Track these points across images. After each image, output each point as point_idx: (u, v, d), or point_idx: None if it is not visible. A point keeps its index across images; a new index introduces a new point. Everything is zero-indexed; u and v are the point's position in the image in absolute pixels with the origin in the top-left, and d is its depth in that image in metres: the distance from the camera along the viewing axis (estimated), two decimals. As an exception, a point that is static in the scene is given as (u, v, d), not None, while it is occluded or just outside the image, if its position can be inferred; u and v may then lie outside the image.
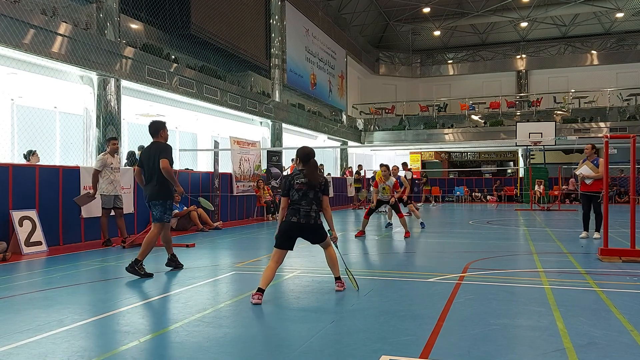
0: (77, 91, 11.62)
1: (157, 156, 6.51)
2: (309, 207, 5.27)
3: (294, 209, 5.28)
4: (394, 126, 29.50)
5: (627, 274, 6.41)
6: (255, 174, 16.38)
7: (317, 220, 5.33)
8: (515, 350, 3.67)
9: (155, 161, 6.51)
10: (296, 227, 5.26)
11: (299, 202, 5.27)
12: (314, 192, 5.32)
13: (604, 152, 8.32)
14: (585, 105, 27.16)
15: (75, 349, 3.68)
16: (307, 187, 5.27)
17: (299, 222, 5.24)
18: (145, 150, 6.80)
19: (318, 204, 5.34)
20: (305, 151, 5.44)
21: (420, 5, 28.29)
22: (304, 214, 5.24)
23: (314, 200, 5.30)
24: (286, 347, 3.71)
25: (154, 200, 6.57)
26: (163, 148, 6.63)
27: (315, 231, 5.37)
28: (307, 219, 5.25)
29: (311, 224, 5.28)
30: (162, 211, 6.58)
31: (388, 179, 10.63)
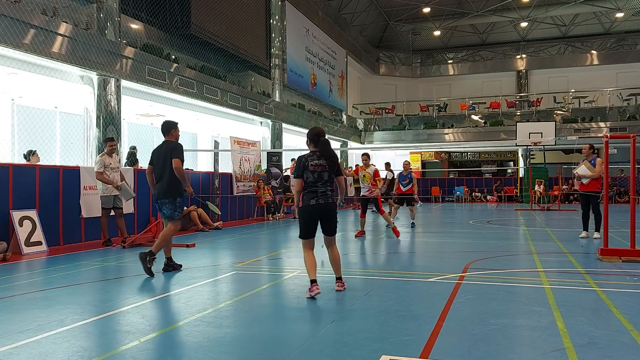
0: (78, 91, 11.62)
1: (168, 155, 6.57)
2: (324, 188, 5.27)
3: (311, 192, 5.26)
4: (394, 126, 29.51)
5: (627, 274, 6.41)
6: (256, 174, 16.38)
7: (334, 199, 5.38)
8: (515, 350, 3.68)
9: (166, 160, 6.56)
10: (316, 210, 5.25)
11: (315, 183, 5.24)
12: (328, 173, 5.30)
13: (604, 152, 8.32)
14: (585, 105, 27.17)
15: (75, 348, 3.68)
16: (323, 168, 5.26)
17: (319, 203, 5.23)
18: (156, 149, 6.85)
19: (332, 185, 5.34)
20: (314, 131, 5.40)
21: (420, 5, 28.30)
22: (322, 194, 5.25)
23: (328, 181, 5.29)
24: (286, 347, 3.71)
25: (163, 199, 6.61)
26: (174, 147, 6.67)
27: (332, 212, 5.35)
28: (325, 199, 5.25)
29: (329, 203, 5.28)
30: (172, 209, 6.64)
31: (368, 167, 10.57)
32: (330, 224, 5.38)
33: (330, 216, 5.35)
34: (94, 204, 9.91)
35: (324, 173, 5.27)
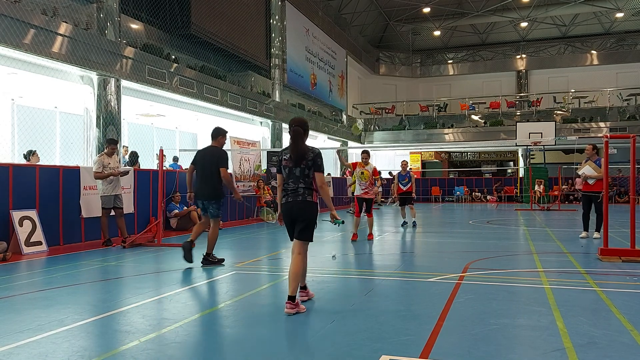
0: (78, 91, 11.62)
1: (214, 161, 7.09)
2: (295, 185, 4.71)
3: (284, 189, 4.79)
4: (394, 126, 29.52)
5: (627, 274, 6.41)
6: (255, 174, 16.38)
7: (305, 197, 4.68)
8: (515, 350, 3.68)
9: (212, 165, 7.08)
10: (289, 209, 4.72)
11: (287, 180, 4.76)
12: (300, 168, 4.70)
13: (604, 152, 8.32)
14: (585, 105, 27.18)
15: (75, 348, 3.68)
16: (291, 163, 4.71)
17: (287, 201, 4.73)
18: (201, 152, 7.36)
19: (307, 182, 4.71)
20: (290, 122, 4.86)
21: (420, 5, 28.30)
22: (292, 192, 4.71)
23: (300, 178, 4.70)
24: (286, 347, 3.71)
25: (212, 200, 7.13)
26: (221, 155, 7.22)
27: (303, 212, 4.66)
28: (294, 197, 4.69)
29: (298, 201, 4.66)
30: (217, 208, 7.18)
31: (367, 165, 10.40)
32: (300, 226, 4.69)
33: (300, 217, 4.68)
34: (94, 204, 9.91)
35: (295, 168, 4.71)
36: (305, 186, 4.70)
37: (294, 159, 4.69)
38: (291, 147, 4.73)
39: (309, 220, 4.70)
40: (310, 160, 4.68)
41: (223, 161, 7.19)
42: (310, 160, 4.68)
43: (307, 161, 4.68)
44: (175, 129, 18.25)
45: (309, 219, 4.70)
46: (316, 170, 4.72)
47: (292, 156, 4.69)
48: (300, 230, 4.71)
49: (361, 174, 10.21)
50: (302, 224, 4.69)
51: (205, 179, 7.13)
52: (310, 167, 4.70)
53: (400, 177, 13.04)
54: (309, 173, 4.71)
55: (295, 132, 4.72)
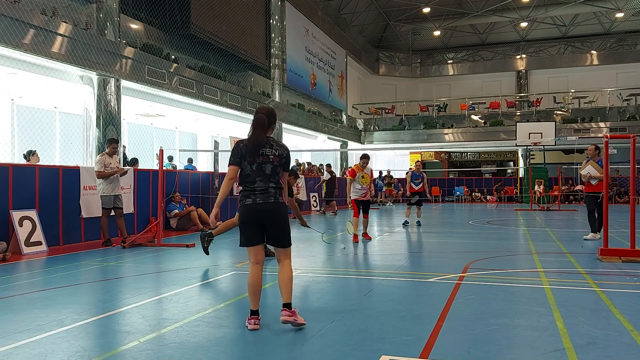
0: (77, 91, 11.62)
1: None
2: (265, 185, 4.17)
3: (250, 188, 4.19)
4: (394, 126, 29.51)
5: (627, 274, 6.41)
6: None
7: (277, 199, 4.21)
8: (515, 350, 3.68)
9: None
10: (257, 210, 4.15)
11: (253, 177, 4.17)
12: (272, 165, 4.19)
13: (604, 152, 8.32)
14: (585, 105, 27.18)
15: (75, 349, 3.68)
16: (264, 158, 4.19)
17: (255, 202, 4.15)
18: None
19: (277, 182, 4.24)
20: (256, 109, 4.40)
21: (420, 5, 28.30)
22: (261, 192, 4.16)
23: (271, 176, 4.19)
24: (286, 347, 3.71)
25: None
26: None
27: (278, 216, 4.19)
28: (265, 198, 4.16)
29: (271, 203, 4.16)
30: None
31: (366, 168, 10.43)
32: (277, 232, 4.23)
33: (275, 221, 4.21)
34: (93, 204, 9.91)
35: (265, 165, 4.17)
36: (276, 186, 4.22)
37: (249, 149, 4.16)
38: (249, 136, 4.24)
39: (284, 224, 4.26)
40: (284, 158, 4.25)
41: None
42: (284, 158, 4.25)
43: (280, 158, 4.22)
44: (175, 129, 18.25)
45: (284, 222, 4.25)
46: (286, 169, 4.34)
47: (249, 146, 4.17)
48: (278, 237, 4.24)
49: (362, 177, 10.25)
50: (279, 230, 4.22)
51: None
52: (282, 165, 4.26)
53: (413, 176, 13.39)
54: (280, 172, 4.27)
55: (258, 120, 4.24)
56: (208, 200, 13.43)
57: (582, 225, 13.50)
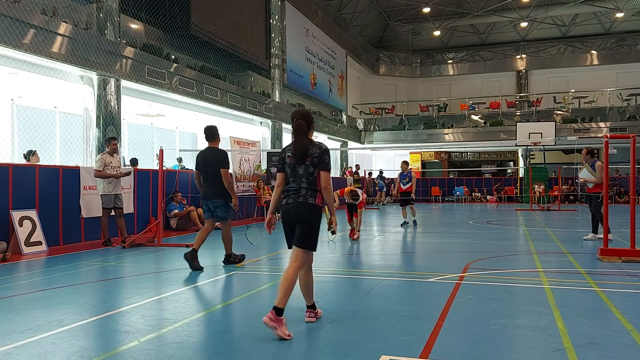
0: (77, 91, 11.62)
1: (216, 162, 6.97)
2: (297, 186, 4.15)
3: (286, 189, 4.23)
4: (394, 126, 29.51)
5: (627, 274, 6.41)
6: (255, 174, 16.38)
7: (307, 198, 4.11)
8: (515, 350, 3.68)
9: (215, 166, 6.96)
10: (288, 211, 4.16)
11: (289, 179, 4.21)
12: (304, 166, 4.15)
13: (604, 152, 8.32)
14: (585, 105, 27.17)
15: (75, 349, 3.68)
16: (294, 159, 4.19)
17: (287, 203, 4.16)
18: (202, 153, 7.21)
19: (310, 182, 4.14)
20: (292, 114, 4.39)
21: (420, 5, 28.30)
22: (294, 193, 4.15)
23: (304, 177, 4.14)
24: (286, 347, 3.71)
25: (216, 200, 6.97)
26: (222, 156, 7.09)
27: (302, 214, 4.09)
28: (295, 198, 4.13)
29: (299, 202, 4.10)
30: (225, 210, 7.04)
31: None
32: (299, 231, 4.14)
33: (299, 221, 4.13)
34: (93, 204, 9.91)
35: (299, 166, 4.16)
36: (308, 186, 4.12)
37: (297, 155, 4.14)
38: (293, 141, 4.22)
39: (309, 225, 4.11)
40: (317, 157, 4.13)
41: (225, 162, 7.10)
42: (316, 157, 4.13)
43: (312, 157, 4.13)
44: (175, 129, 18.25)
45: (309, 222, 4.11)
46: (322, 168, 4.14)
47: (297, 152, 4.15)
48: (298, 235, 4.13)
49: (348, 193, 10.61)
50: (301, 229, 4.12)
51: (211, 181, 7.02)
52: (315, 165, 4.14)
53: (401, 176, 13.30)
54: (314, 172, 4.15)
55: (298, 125, 4.20)
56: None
57: (582, 225, 13.50)
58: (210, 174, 7.03)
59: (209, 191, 7.03)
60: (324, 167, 4.15)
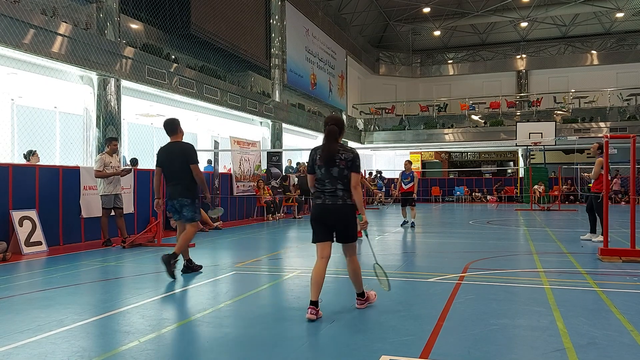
0: (77, 91, 11.62)
1: (183, 158, 6.42)
2: (333, 187, 4.50)
3: (320, 190, 4.57)
4: (394, 126, 29.51)
5: (627, 274, 6.41)
6: (255, 174, 16.38)
7: (345, 200, 4.50)
8: (515, 350, 3.67)
9: (181, 162, 6.41)
10: (325, 211, 4.52)
11: (322, 180, 4.54)
12: (339, 169, 4.49)
13: (604, 152, 8.32)
14: (585, 105, 27.17)
15: (75, 349, 3.68)
16: (322, 162, 4.53)
17: (324, 203, 4.52)
18: (164, 150, 6.60)
19: (345, 183, 4.51)
20: (325, 119, 4.73)
21: (420, 5, 28.30)
22: (330, 194, 4.51)
23: (339, 178, 4.49)
24: (286, 347, 3.71)
25: (183, 199, 6.43)
26: (190, 151, 6.52)
27: (343, 216, 4.51)
28: (333, 200, 4.49)
29: (338, 205, 4.48)
30: (193, 210, 6.51)
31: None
32: (341, 230, 4.58)
33: (337, 217, 4.54)
34: (94, 204, 9.91)
35: (332, 168, 4.50)
36: (344, 188, 4.50)
37: (324, 158, 4.49)
38: (323, 145, 4.56)
39: (349, 223, 4.57)
40: (350, 161, 4.49)
41: (194, 157, 6.52)
42: (350, 161, 4.49)
43: (346, 161, 4.49)
44: (175, 129, 18.22)
45: (349, 221, 4.56)
46: (353, 170, 4.52)
47: (324, 155, 4.50)
48: (342, 233, 4.58)
49: None
50: (344, 229, 4.57)
51: (177, 179, 6.44)
52: (349, 168, 4.50)
53: (403, 175, 13.19)
54: (348, 174, 4.50)
55: (330, 131, 4.54)
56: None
57: (582, 225, 13.51)
58: (176, 171, 6.44)
59: (175, 190, 6.45)
60: (355, 169, 4.54)
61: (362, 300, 4.76)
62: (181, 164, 6.42)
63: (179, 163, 6.42)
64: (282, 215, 16.45)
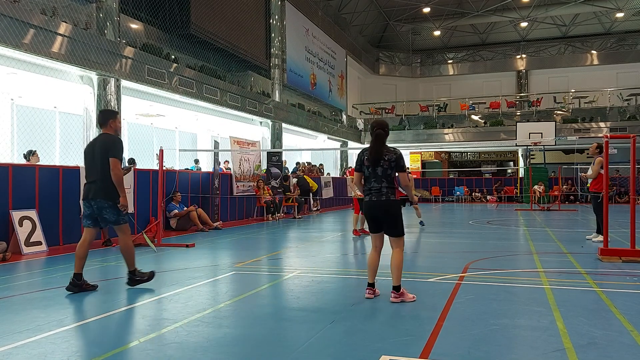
0: (77, 91, 11.62)
1: (104, 152, 5.51)
2: (379, 185, 4.99)
3: (368, 188, 5.08)
4: (394, 126, 29.48)
5: (627, 274, 6.40)
6: (255, 174, 16.38)
7: (389, 196, 4.97)
8: (515, 350, 3.67)
9: (103, 157, 5.51)
10: (371, 206, 5.02)
11: (369, 179, 5.05)
12: (383, 169, 4.97)
13: (604, 152, 8.32)
14: (585, 105, 27.17)
15: (74, 349, 3.68)
16: (369, 163, 5.01)
17: (371, 200, 5.02)
18: (91, 142, 5.82)
19: (389, 181, 5.00)
20: (372, 123, 5.15)
21: (420, 5, 28.30)
22: (375, 191, 5.00)
23: (383, 177, 4.98)
24: (286, 347, 3.71)
25: (101, 199, 5.50)
26: (113, 143, 5.57)
27: (388, 210, 4.97)
28: (378, 196, 4.98)
29: (382, 200, 4.96)
30: (116, 213, 5.59)
31: None
32: (388, 224, 5.03)
33: (383, 212, 4.99)
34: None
35: (377, 168, 4.98)
36: (388, 185, 4.98)
37: (372, 159, 4.98)
38: (370, 148, 5.02)
39: (394, 217, 5.00)
40: (394, 161, 4.97)
41: (115, 151, 5.55)
42: (393, 161, 4.96)
43: (390, 162, 4.96)
44: (175, 129, 18.25)
45: (394, 215, 5.00)
46: (400, 170, 5.05)
47: (371, 157, 4.98)
48: (390, 228, 5.04)
49: None
50: (390, 223, 5.01)
51: (94, 175, 5.56)
52: (392, 168, 4.99)
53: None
54: (392, 173, 5.01)
55: (377, 135, 5.00)
56: (208, 200, 13.43)
57: (582, 225, 13.51)
58: (95, 167, 5.56)
59: (90, 188, 5.55)
60: (401, 169, 5.07)
61: (397, 295, 4.93)
62: (102, 159, 5.52)
63: (100, 158, 5.53)
64: (282, 215, 16.45)
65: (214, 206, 13.46)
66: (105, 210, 5.52)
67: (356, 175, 5.17)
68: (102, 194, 5.49)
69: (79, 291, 5.45)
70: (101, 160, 5.51)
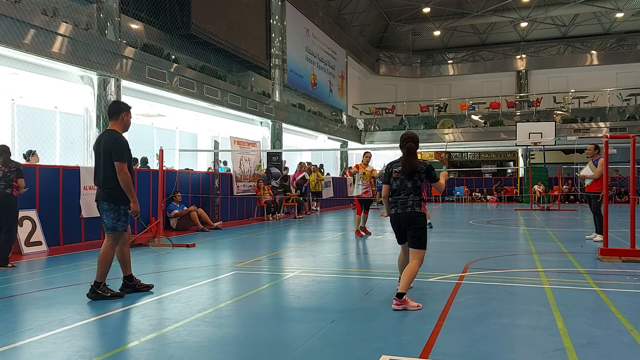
0: (78, 91, 11.62)
1: (107, 154, 5.18)
2: (406, 197, 5.00)
3: (394, 200, 5.08)
4: (394, 126, 29.51)
5: (627, 274, 6.41)
6: (256, 174, 16.38)
7: (414, 208, 4.96)
8: (515, 350, 3.68)
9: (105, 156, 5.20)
10: (397, 219, 5.04)
11: (398, 192, 5.04)
12: (413, 181, 5.01)
13: (604, 152, 8.32)
14: (585, 105, 27.17)
15: (75, 348, 3.69)
16: (403, 175, 5.02)
17: (397, 212, 5.02)
18: (98, 138, 5.42)
19: (417, 193, 5.03)
20: (402, 137, 5.20)
21: (420, 5, 28.29)
22: (401, 204, 5.00)
23: (412, 189, 5.01)
24: (286, 347, 3.71)
25: (103, 202, 5.27)
26: (115, 143, 5.18)
27: (411, 220, 4.94)
28: (403, 208, 4.98)
29: (407, 212, 4.95)
30: (115, 217, 5.26)
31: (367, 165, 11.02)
32: (411, 235, 4.97)
33: (409, 228, 4.97)
34: (94, 204, 9.86)
35: (408, 180, 5.01)
36: (415, 197, 5.00)
37: (406, 172, 5.00)
38: (404, 161, 5.03)
39: (418, 230, 4.96)
40: (424, 173, 5.03)
41: (117, 153, 5.13)
42: (423, 173, 5.02)
43: (420, 173, 5.01)
44: (175, 129, 18.26)
45: (418, 228, 4.96)
46: (432, 181, 5.13)
47: (405, 170, 5.00)
48: (413, 240, 4.98)
49: (362, 174, 10.67)
50: (413, 234, 4.96)
51: (98, 176, 5.28)
52: (422, 180, 5.05)
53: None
54: (421, 185, 5.06)
55: (409, 148, 5.05)
56: (208, 200, 13.44)
57: (582, 225, 13.52)
58: (99, 168, 5.26)
59: (97, 190, 5.34)
60: (432, 179, 5.13)
61: (399, 302, 4.73)
62: (104, 161, 5.20)
63: (103, 157, 5.20)
64: (282, 215, 16.46)
65: (214, 206, 13.47)
66: (105, 213, 5.27)
67: (384, 188, 5.20)
68: (103, 196, 5.27)
69: (132, 292, 5.42)
70: (104, 162, 5.21)
